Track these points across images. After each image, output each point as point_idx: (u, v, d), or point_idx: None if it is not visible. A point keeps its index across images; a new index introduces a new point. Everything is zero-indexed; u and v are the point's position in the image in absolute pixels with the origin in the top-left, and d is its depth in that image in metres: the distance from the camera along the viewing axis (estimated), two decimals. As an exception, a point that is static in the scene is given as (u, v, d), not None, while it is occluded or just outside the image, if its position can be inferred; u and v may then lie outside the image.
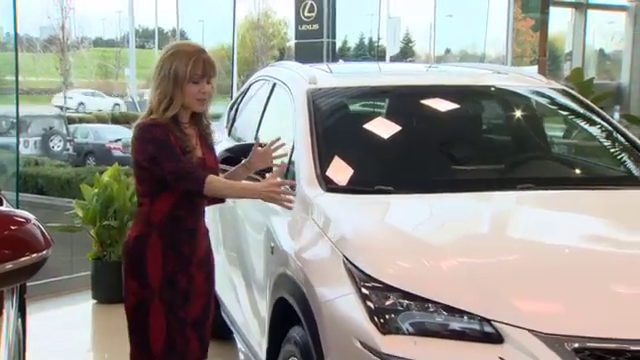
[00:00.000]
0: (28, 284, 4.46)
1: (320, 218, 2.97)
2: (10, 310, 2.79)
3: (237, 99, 5.02)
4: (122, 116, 24.62)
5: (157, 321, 2.93)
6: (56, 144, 20.16)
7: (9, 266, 2.14)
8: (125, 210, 5.84)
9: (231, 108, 5.05)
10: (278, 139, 3.20)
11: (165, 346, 2.93)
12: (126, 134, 21.00)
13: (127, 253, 3.02)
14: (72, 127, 21.58)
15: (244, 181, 3.17)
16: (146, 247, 2.94)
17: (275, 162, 3.19)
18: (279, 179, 3.00)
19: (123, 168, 6.30)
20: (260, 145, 3.18)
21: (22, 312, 3.48)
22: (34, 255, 2.21)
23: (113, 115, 24.62)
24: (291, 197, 2.94)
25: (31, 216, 2.34)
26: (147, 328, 2.93)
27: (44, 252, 2.24)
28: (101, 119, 24.17)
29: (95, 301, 5.91)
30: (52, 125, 20.88)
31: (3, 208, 2.91)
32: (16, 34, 7.12)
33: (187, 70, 2.85)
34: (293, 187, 3.09)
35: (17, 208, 4.29)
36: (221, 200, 3.18)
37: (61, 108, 23.93)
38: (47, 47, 27.52)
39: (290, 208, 2.98)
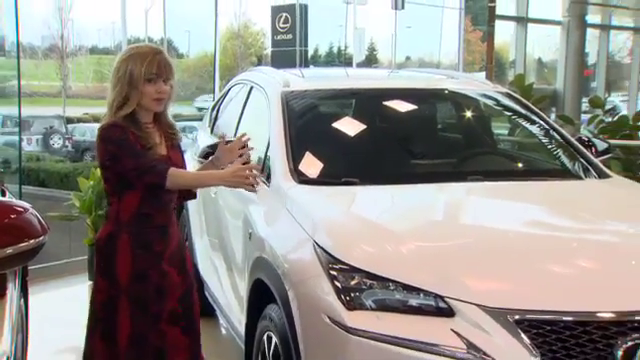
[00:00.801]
0: (30, 267, 4.40)
1: (293, 207, 2.95)
2: (13, 291, 2.76)
3: (218, 100, 4.97)
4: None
5: (123, 318, 2.70)
6: (56, 142, 19.88)
7: (9, 251, 2.11)
8: (118, 201, 5.77)
9: (213, 108, 5.00)
10: (243, 135, 2.99)
11: (129, 341, 2.70)
12: (119, 133, 20.70)
13: (98, 252, 2.77)
14: (70, 126, 21.36)
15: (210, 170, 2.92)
16: (116, 246, 2.70)
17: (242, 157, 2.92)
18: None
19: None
20: (226, 142, 2.97)
21: (24, 293, 3.44)
22: (32, 241, 2.17)
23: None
24: (255, 181, 2.72)
25: (29, 206, 2.30)
26: (114, 324, 2.71)
27: (41, 238, 2.20)
28: (97, 119, 23.90)
29: (91, 282, 5.83)
30: (52, 124, 20.61)
31: (3, 199, 2.85)
32: (18, 43, 7.04)
33: (142, 70, 2.62)
34: (259, 170, 2.93)
35: (19, 199, 4.22)
36: (193, 196, 2.99)
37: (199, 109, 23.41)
38: (48, 55, 27.16)
39: (254, 191, 2.79)
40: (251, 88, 4.05)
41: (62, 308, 5.36)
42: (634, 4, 14.74)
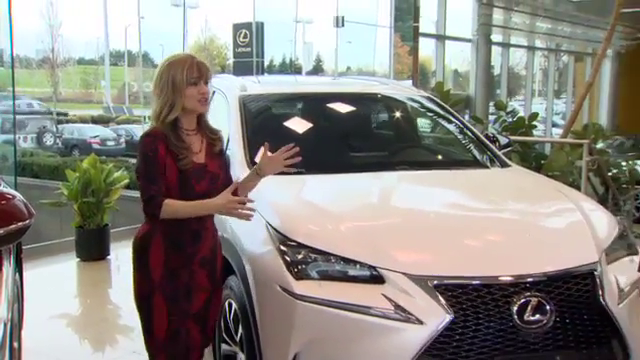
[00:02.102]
0: (26, 246, 4.26)
1: (249, 193, 2.89)
2: (8, 267, 2.65)
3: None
4: (99, 118, 23.89)
5: (159, 313, 2.35)
6: (48, 139, 19.32)
7: (0, 232, 2.02)
8: (100, 189, 5.66)
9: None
10: (291, 146, 2.47)
11: (167, 335, 2.36)
12: (102, 132, 20.37)
13: (135, 248, 2.41)
14: (61, 126, 20.79)
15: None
16: (150, 245, 2.35)
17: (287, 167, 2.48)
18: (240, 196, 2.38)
19: (99, 158, 6.10)
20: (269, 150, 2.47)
21: (19, 268, 3.32)
22: (20, 223, 2.09)
23: (92, 117, 23.82)
24: (250, 212, 2.31)
25: (17, 194, 2.21)
26: (151, 319, 2.37)
27: (27, 221, 2.12)
28: (83, 120, 23.30)
29: (78, 259, 5.72)
30: (45, 125, 20.06)
31: None
32: (12, 55, 6.90)
33: (184, 75, 2.30)
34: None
35: (15, 189, 4.05)
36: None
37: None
38: (41, 65, 26.50)
39: (249, 220, 2.33)
40: (213, 92, 3.94)
41: (54, 281, 5.24)
42: (527, 27, 15.18)
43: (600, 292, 2.44)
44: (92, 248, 5.71)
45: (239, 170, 3.06)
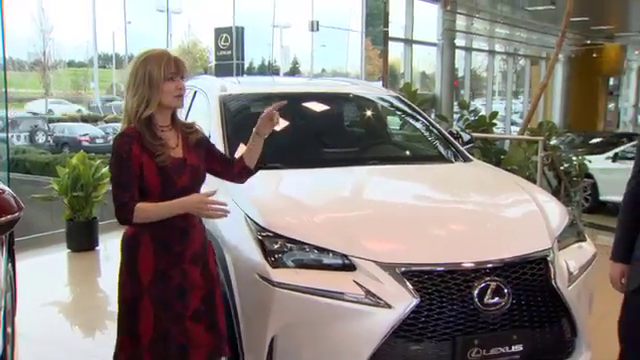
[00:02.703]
0: (18, 238, 4.17)
1: (229, 187, 2.85)
2: (1, 257, 2.60)
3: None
4: (88, 117, 23.54)
5: (146, 317, 2.15)
6: (40, 137, 18.98)
7: None
8: (89, 184, 5.58)
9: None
10: (280, 103, 2.44)
11: (152, 339, 2.15)
12: (91, 130, 20.11)
13: (123, 249, 2.21)
14: (52, 125, 20.45)
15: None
16: (139, 247, 2.16)
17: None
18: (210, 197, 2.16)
19: (88, 154, 6.00)
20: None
21: (12, 259, 3.26)
22: (9, 216, 2.04)
23: (82, 116, 23.45)
24: (221, 213, 2.14)
25: (7, 188, 2.15)
26: (137, 322, 2.16)
27: (16, 214, 2.06)
28: (73, 119, 22.92)
29: (69, 250, 5.62)
30: (37, 124, 19.72)
31: None
32: (4, 57, 6.73)
33: (161, 70, 2.11)
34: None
35: (8, 185, 3.95)
36: (253, 171, 2.42)
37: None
38: (33, 67, 26.01)
39: (223, 217, 2.18)
40: (195, 92, 3.89)
41: (46, 271, 5.16)
42: (488, 33, 15.35)
43: (552, 276, 2.48)
44: (82, 239, 5.63)
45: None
